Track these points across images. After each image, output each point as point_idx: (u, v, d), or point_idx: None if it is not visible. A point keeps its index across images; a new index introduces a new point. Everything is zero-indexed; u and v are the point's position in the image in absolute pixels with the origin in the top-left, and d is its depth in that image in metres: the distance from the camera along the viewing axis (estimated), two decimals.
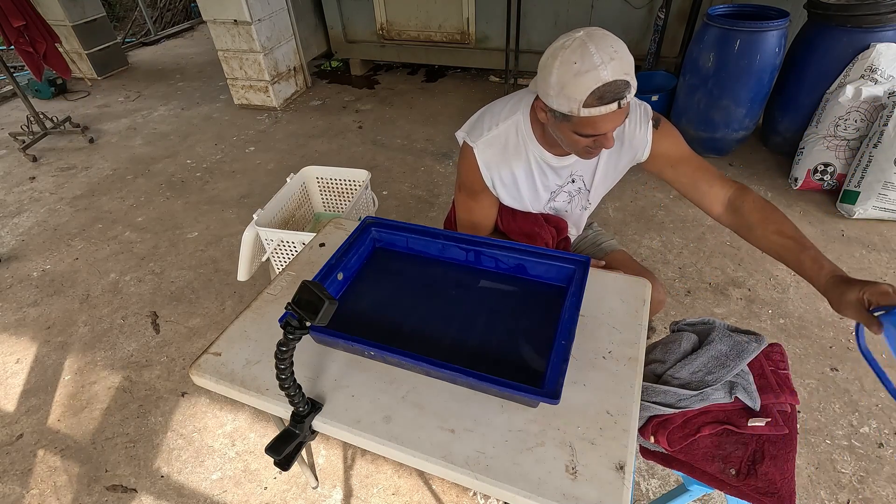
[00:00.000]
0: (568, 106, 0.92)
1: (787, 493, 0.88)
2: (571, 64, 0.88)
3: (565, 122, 0.97)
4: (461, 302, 1.04)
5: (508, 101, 1.17)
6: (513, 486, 0.73)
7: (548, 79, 0.93)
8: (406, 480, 1.50)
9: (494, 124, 1.14)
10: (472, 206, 1.26)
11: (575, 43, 0.89)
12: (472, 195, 1.24)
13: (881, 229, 2.31)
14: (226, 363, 0.94)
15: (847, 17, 2.27)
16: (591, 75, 0.87)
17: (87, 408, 1.77)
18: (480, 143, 1.14)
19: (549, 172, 1.20)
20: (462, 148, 1.19)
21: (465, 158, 1.18)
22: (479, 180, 1.19)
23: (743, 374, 0.99)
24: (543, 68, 0.95)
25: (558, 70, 0.90)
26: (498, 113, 1.15)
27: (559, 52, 0.91)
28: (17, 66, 4.90)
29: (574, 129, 0.97)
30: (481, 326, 0.98)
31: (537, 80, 0.98)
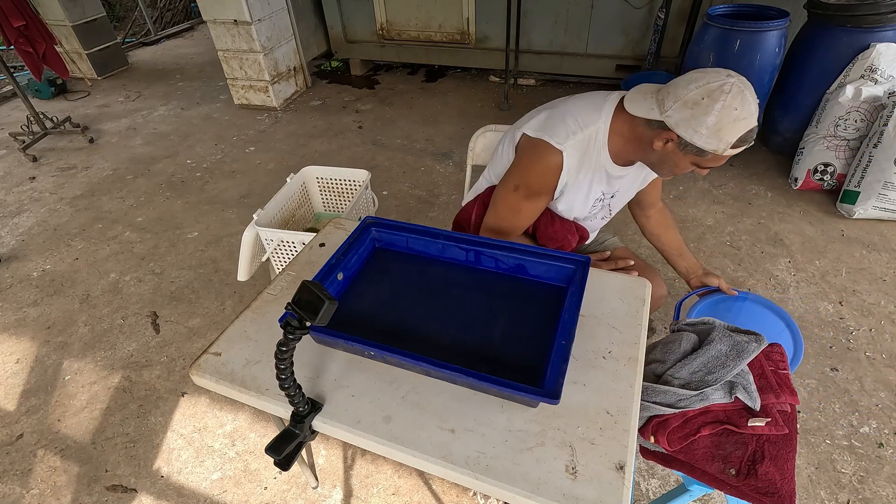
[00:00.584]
0: (714, 145, 0.97)
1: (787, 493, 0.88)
2: (732, 110, 0.93)
3: (695, 154, 1.01)
4: (461, 302, 1.04)
5: (587, 103, 1.14)
6: (513, 486, 0.73)
7: (701, 118, 0.95)
8: (406, 480, 1.50)
9: (579, 128, 1.11)
10: (522, 208, 1.20)
11: (734, 90, 0.93)
12: (531, 197, 1.19)
13: (881, 229, 2.31)
14: (226, 363, 0.94)
15: (847, 17, 2.27)
16: (747, 122, 0.94)
17: (87, 408, 1.77)
18: (569, 147, 1.10)
19: (605, 181, 1.20)
20: (540, 148, 1.13)
21: (542, 159, 1.13)
22: (550, 184, 1.15)
23: (743, 374, 0.99)
24: (696, 106, 0.95)
25: (718, 113, 0.94)
26: (581, 114, 1.12)
27: (720, 95, 0.93)
28: (17, 66, 4.90)
29: (698, 162, 1.04)
30: (481, 326, 0.98)
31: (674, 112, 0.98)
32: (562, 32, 3.57)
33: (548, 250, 1.05)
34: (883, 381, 1.69)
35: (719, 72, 0.96)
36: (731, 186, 2.67)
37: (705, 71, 0.97)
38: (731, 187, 2.66)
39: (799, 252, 2.22)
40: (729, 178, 2.73)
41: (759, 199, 2.56)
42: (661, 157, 1.07)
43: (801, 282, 2.07)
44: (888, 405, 1.62)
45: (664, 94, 1.01)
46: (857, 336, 1.84)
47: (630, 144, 1.11)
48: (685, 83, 0.97)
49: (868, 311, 1.93)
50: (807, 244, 2.26)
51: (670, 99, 0.99)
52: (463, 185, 1.63)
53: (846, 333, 1.85)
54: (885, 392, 1.65)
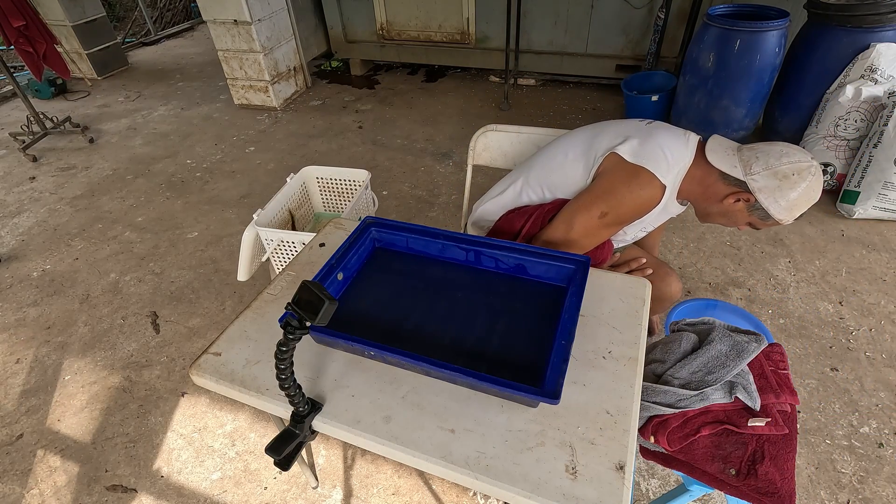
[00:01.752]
0: (783, 216, 1.06)
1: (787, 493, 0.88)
2: (812, 191, 1.03)
3: (759, 218, 1.09)
4: (461, 302, 1.04)
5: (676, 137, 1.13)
6: (513, 486, 0.73)
7: (786, 192, 1.03)
8: (406, 480, 1.50)
9: (675, 163, 1.10)
10: (602, 233, 1.18)
11: (818, 174, 1.03)
12: (613, 225, 1.16)
13: (881, 229, 2.31)
14: (226, 363, 0.94)
15: (847, 17, 2.27)
16: (812, 202, 1.05)
17: (87, 408, 1.77)
18: (670, 182, 1.10)
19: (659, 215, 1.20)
20: (642, 178, 1.09)
21: (643, 190, 1.10)
22: (641, 215, 1.14)
23: (743, 374, 0.99)
24: (785, 179, 1.02)
25: (802, 192, 1.03)
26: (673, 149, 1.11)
27: (808, 176, 1.02)
28: (17, 66, 4.90)
29: (756, 223, 1.12)
30: (481, 326, 0.98)
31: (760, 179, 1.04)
32: (562, 32, 3.57)
33: (548, 250, 1.05)
34: (883, 381, 1.69)
35: (805, 154, 1.04)
36: None
37: (794, 148, 1.05)
38: None
39: (799, 252, 2.22)
40: None
41: None
42: (723, 211, 1.12)
43: (801, 282, 2.07)
44: (888, 405, 1.62)
45: (750, 156, 1.06)
46: (857, 336, 1.84)
47: (698, 189, 1.13)
48: (777, 155, 1.04)
49: (868, 311, 1.93)
50: (807, 244, 2.26)
51: (759, 164, 1.04)
52: (463, 185, 1.63)
53: (846, 333, 1.85)
54: (885, 392, 1.65)
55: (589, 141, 1.21)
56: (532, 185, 1.30)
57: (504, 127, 1.51)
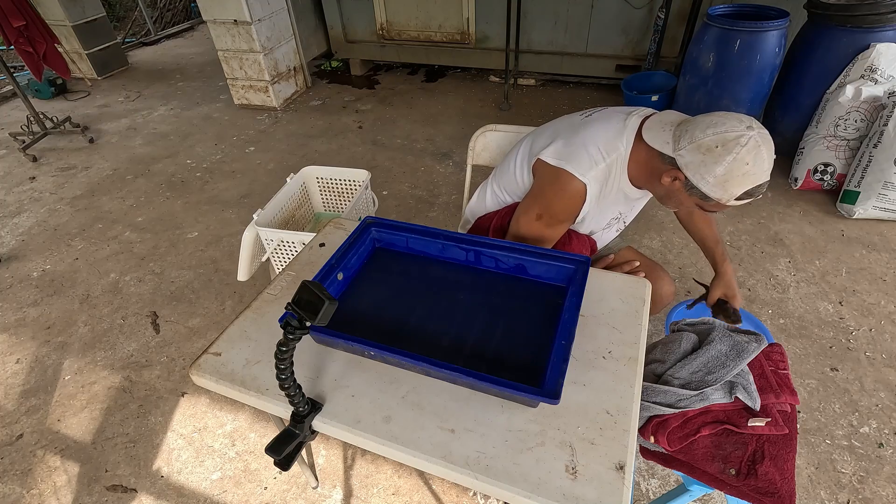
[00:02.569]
0: (718, 195, 0.96)
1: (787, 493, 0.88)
2: (744, 164, 0.92)
3: (699, 197, 1.00)
4: (461, 302, 1.04)
5: (608, 127, 1.11)
6: (513, 486, 0.73)
7: (711, 166, 0.94)
8: (406, 480, 1.50)
9: (601, 158, 1.09)
10: (546, 235, 1.19)
11: (750, 143, 0.91)
12: (553, 225, 1.18)
13: (881, 229, 2.31)
14: (226, 363, 0.94)
15: (847, 17, 2.27)
16: (756, 178, 0.93)
17: (87, 408, 1.77)
18: (591, 178, 1.09)
19: (623, 202, 1.20)
20: (562, 179, 1.10)
21: (564, 190, 1.11)
22: (574, 213, 1.15)
23: (743, 374, 0.99)
24: (708, 152, 0.94)
25: (729, 164, 0.92)
26: (602, 143, 1.10)
27: (734, 147, 0.91)
28: (17, 66, 4.90)
29: (701, 205, 1.03)
30: (481, 326, 0.98)
31: (686, 154, 0.97)
32: (562, 32, 3.57)
33: (548, 250, 1.05)
34: (883, 381, 1.69)
35: (742, 121, 0.93)
36: None
37: (727, 116, 0.95)
38: None
39: (799, 252, 2.22)
40: None
41: (759, 199, 2.56)
42: (667, 192, 1.07)
43: (801, 282, 2.07)
44: (888, 405, 1.62)
45: (681, 130, 0.99)
46: (857, 336, 1.84)
47: (644, 172, 1.09)
48: (703, 126, 0.95)
49: (868, 311, 1.93)
50: (807, 244, 2.26)
51: (686, 138, 0.97)
52: (463, 185, 1.63)
53: (846, 333, 1.85)
54: (885, 392, 1.65)
55: (529, 144, 1.23)
56: (495, 189, 1.34)
57: (504, 127, 1.51)
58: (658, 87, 3.13)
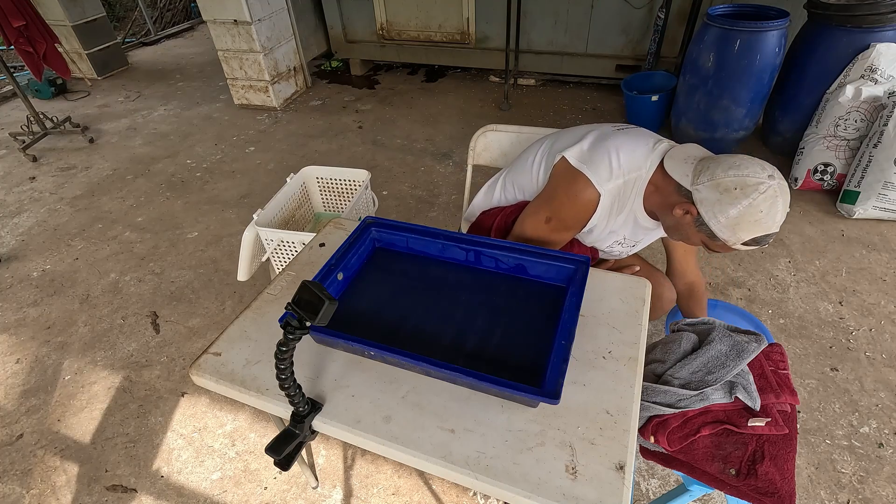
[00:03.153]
0: (727, 237, 0.96)
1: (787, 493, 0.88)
2: (758, 211, 0.91)
3: (706, 235, 1.00)
4: (461, 302, 1.04)
5: (638, 144, 1.10)
6: (513, 486, 0.73)
7: (725, 207, 0.93)
8: (406, 480, 1.50)
9: (623, 173, 1.07)
10: (551, 238, 1.18)
11: (769, 192, 0.91)
12: (560, 231, 1.17)
13: (881, 229, 2.31)
14: (226, 363, 0.94)
15: (847, 17, 2.27)
16: (766, 227, 0.93)
17: (87, 408, 1.77)
18: (607, 190, 1.08)
19: (632, 228, 1.18)
20: (579, 184, 1.09)
21: (578, 196, 1.09)
22: (583, 221, 1.14)
23: (743, 374, 0.99)
24: (725, 192, 0.93)
25: (743, 209, 0.92)
26: (627, 157, 1.08)
27: (752, 192, 0.91)
28: (17, 66, 4.90)
29: (707, 242, 1.03)
30: (481, 326, 0.98)
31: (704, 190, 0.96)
32: (562, 32, 3.57)
33: (548, 250, 1.05)
34: (883, 381, 1.69)
35: (765, 168, 0.93)
36: None
37: (752, 161, 0.94)
38: None
39: (799, 252, 2.22)
40: None
41: None
42: (676, 224, 1.06)
43: (801, 282, 2.07)
44: (888, 405, 1.62)
45: (703, 166, 0.99)
46: (857, 336, 1.84)
47: (657, 198, 1.08)
48: (725, 166, 0.95)
49: (868, 311, 1.93)
50: (807, 244, 2.26)
51: (706, 174, 0.97)
52: (463, 185, 1.63)
53: (846, 333, 1.85)
54: (885, 392, 1.65)
55: (551, 142, 1.21)
56: (507, 185, 1.33)
57: (504, 127, 1.51)
58: (658, 87, 3.13)
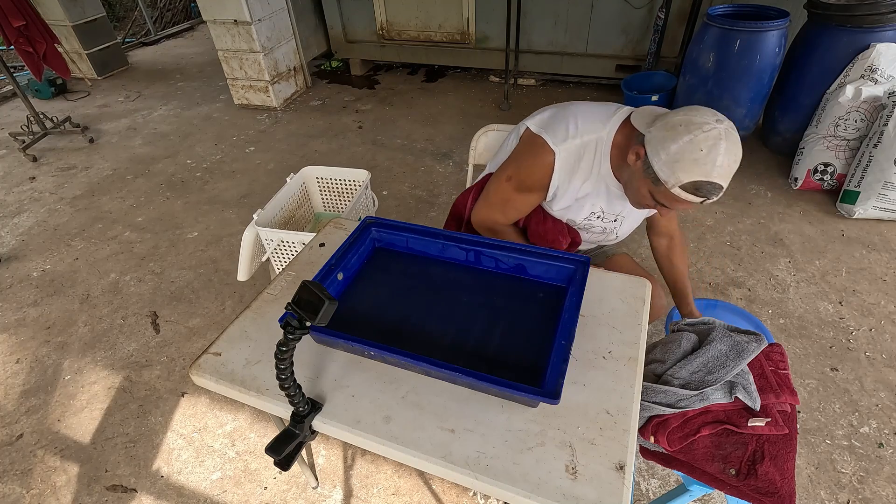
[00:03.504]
0: (665, 176, 0.95)
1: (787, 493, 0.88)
2: (697, 149, 0.90)
3: (651, 181, 0.99)
4: (461, 302, 1.04)
5: (598, 110, 1.13)
6: (513, 486, 0.73)
7: (668, 143, 0.93)
8: (406, 480, 1.50)
9: (579, 133, 1.10)
10: (512, 199, 1.22)
11: (713, 132, 0.90)
12: (522, 190, 1.20)
13: (881, 229, 2.31)
14: (226, 363, 0.94)
15: (847, 17, 2.27)
16: (706, 171, 0.91)
17: (87, 408, 1.77)
18: (563, 149, 1.10)
19: (605, 197, 1.19)
20: (536, 144, 1.13)
21: (536, 156, 1.13)
22: (541, 181, 1.16)
23: (743, 374, 0.99)
24: (671, 129, 0.94)
25: (683, 144, 0.91)
26: (585, 121, 1.11)
27: (695, 130, 0.91)
28: (17, 66, 4.90)
29: (653, 191, 1.01)
30: (481, 326, 0.98)
31: (654, 130, 0.97)
32: (562, 32, 3.57)
33: (548, 250, 1.05)
34: (883, 381, 1.69)
35: (715, 114, 0.93)
36: (731, 186, 2.66)
37: (707, 109, 0.95)
38: (731, 187, 2.66)
39: (799, 252, 2.22)
40: None
41: (759, 199, 2.56)
42: (630, 177, 1.06)
43: (801, 282, 2.07)
44: (888, 405, 1.62)
45: (663, 113, 1.00)
46: (857, 336, 1.84)
47: (618, 155, 1.10)
48: (683, 111, 0.96)
49: (868, 311, 1.93)
50: (807, 244, 2.26)
51: (661, 119, 0.98)
52: (463, 185, 1.64)
53: (846, 333, 1.85)
54: (885, 392, 1.65)
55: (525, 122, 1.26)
56: (490, 167, 1.37)
57: (505, 127, 1.51)
58: (658, 87, 3.13)
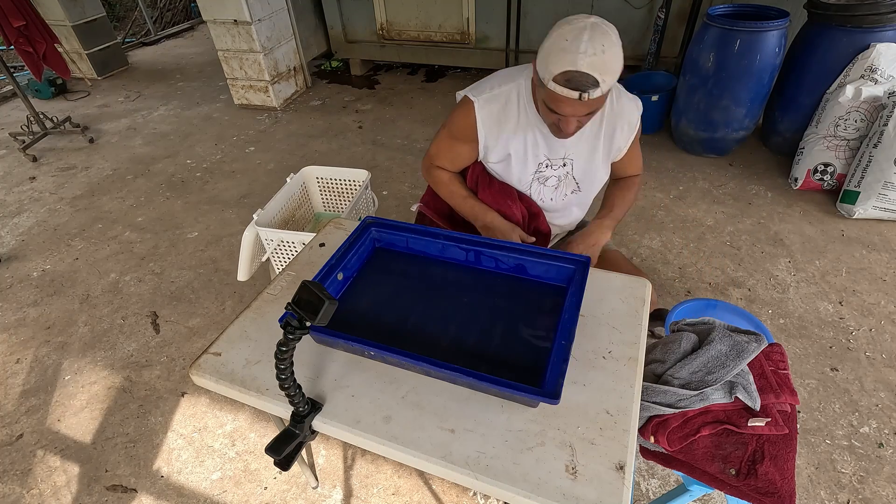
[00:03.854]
0: (542, 72, 1.01)
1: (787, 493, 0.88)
2: (563, 40, 0.97)
3: (541, 88, 1.05)
4: (461, 302, 1.04)
5: (515, 67, 1.24)
6: (513, 486, 0.73)
7: (544, 42, 1.02)
8: (406, 480, 1.50)
9: (497, 84, 1.20)
10: (451, 146, 1.32)
11: (578, 24, 0.96)
12: (456, 140, 1.29)
13: (881, 229, 2.31)
14: (226, 363, 0.94)
15: (847, 17, 2.27)
16: (570, 59, 0.95)
17: (87, 408, 1.77)
18: (481, 99, 1.19)
19: (542, 142, 1.23)
20: (462, 100, 1.24)
21: (461, 109, 1.23)
22: (469, 132, 1.24)
23: (743, 374, 0.99)
24: (548, 34, 1.02)
25: (552, 39, 0.99)
26: (504, 76, 1.21)
27: (564, 24, 0.99)
28: (17, 66, 4.90)
29: (544, 100, 1.07)
30: (481, 326, 0.98)
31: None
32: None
33: (548, 250, 1.05)
34: (883, 381, 1.69)
35: (591, 16, 0.99)
36: (731, 186, 2.67)
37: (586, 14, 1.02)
38: (731, 187, 2.66)
39: (799, 252, 2.22)
40: (729, 178, 2.73)
41: (759, 199, 2.56)
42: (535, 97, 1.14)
43: (801, 282, 2.07)
44: (888, 405, 1.62)
45: None
46: (857, 336, 1.84)
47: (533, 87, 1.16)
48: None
49: (868, 311, 1.93)
50: (807, 244, 2.26)
51: None
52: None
53: (846, 333, 1.85)
54: (885, 392, 1.65)
55: None
56: None
57: None
58: (658, 87, 3.13)
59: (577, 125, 1.08)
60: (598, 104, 1.03)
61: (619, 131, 1.23)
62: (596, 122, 1.21)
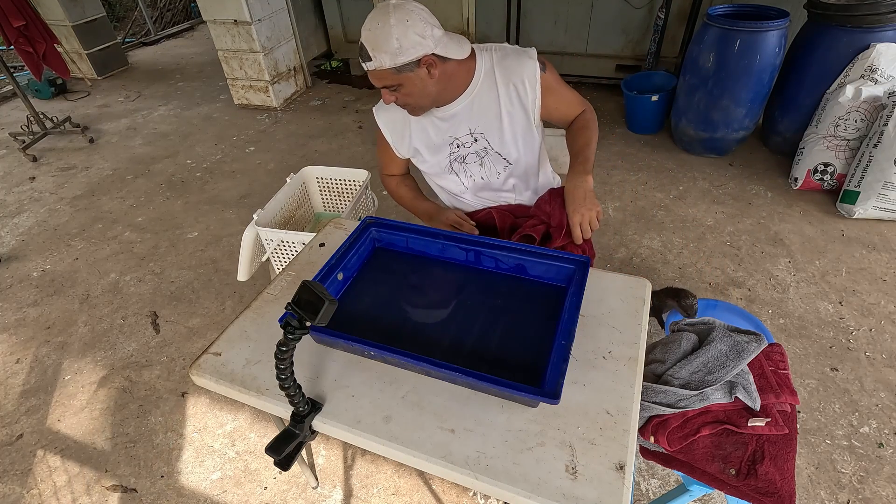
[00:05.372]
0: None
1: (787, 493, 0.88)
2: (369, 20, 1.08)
3: None
4: (461, 302, 1.04)
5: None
6: (513, 486, 0.73)
7: None
8: (406, 480, 1.50)
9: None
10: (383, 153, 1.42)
11: (381, 5, 1.07)
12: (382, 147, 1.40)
13: (881, 229, 2.31)
14: (226, 363, 0.94)
15: (847, 17, 2.27)
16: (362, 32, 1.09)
17: (87, 408, 1.77)
18: (378, 107, 1.30)
19: (438, 122, 1.26)
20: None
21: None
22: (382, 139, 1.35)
23: (743, 374, 0.99)
24: None
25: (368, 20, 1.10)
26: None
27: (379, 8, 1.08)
28: (17, 66, 4.90)
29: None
30: (481, 326, 0.98)
31: None
32: (562, 32, 3.57)
33: (548, 250, 1.05)
34: (883, 381, 1.69)
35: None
36: (731, 186, 2.67)
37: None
38: (731, 187, 2.66)
39: (799, 252, 2.22)
40: (729, 178, 2.73)
41: (759, 199, 2.56)
42: None
43: (801, 282, 2.07)
44: (888, 405, 1.62)
45: None
46: (857, 336, 1.84)
47: None
48: None
49: (868, 311, 1.93)
50: (807, 244, 2.26)
51: None
52: None
53: (846, 333, 1.85)
54: (885, 392, 1.65)
55: None
56: None
57: None
58: (658, 87, 3.13)
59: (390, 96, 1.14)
60: (388, 78, 1.08)
61: (521, 90, 1.19)
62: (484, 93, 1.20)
